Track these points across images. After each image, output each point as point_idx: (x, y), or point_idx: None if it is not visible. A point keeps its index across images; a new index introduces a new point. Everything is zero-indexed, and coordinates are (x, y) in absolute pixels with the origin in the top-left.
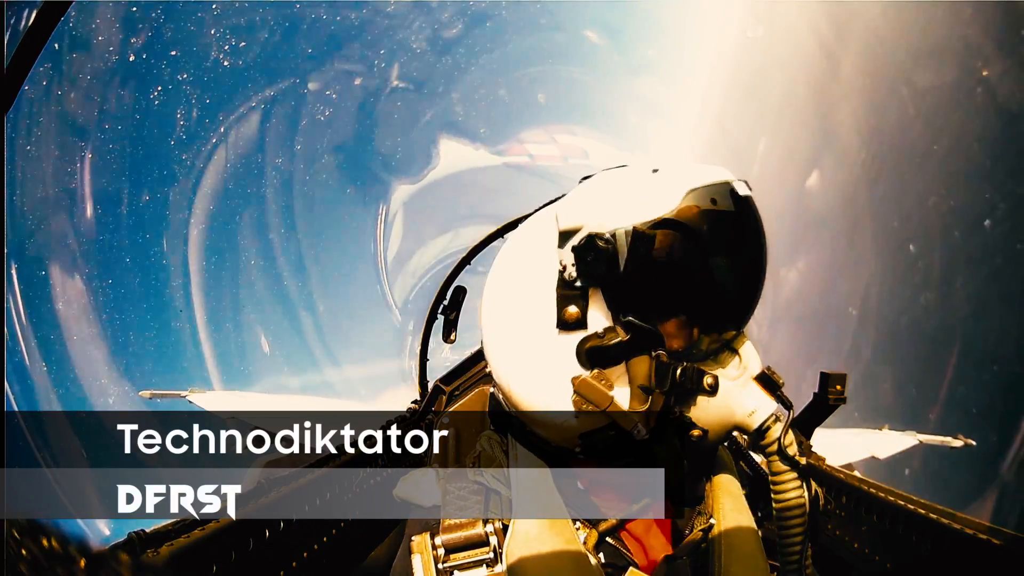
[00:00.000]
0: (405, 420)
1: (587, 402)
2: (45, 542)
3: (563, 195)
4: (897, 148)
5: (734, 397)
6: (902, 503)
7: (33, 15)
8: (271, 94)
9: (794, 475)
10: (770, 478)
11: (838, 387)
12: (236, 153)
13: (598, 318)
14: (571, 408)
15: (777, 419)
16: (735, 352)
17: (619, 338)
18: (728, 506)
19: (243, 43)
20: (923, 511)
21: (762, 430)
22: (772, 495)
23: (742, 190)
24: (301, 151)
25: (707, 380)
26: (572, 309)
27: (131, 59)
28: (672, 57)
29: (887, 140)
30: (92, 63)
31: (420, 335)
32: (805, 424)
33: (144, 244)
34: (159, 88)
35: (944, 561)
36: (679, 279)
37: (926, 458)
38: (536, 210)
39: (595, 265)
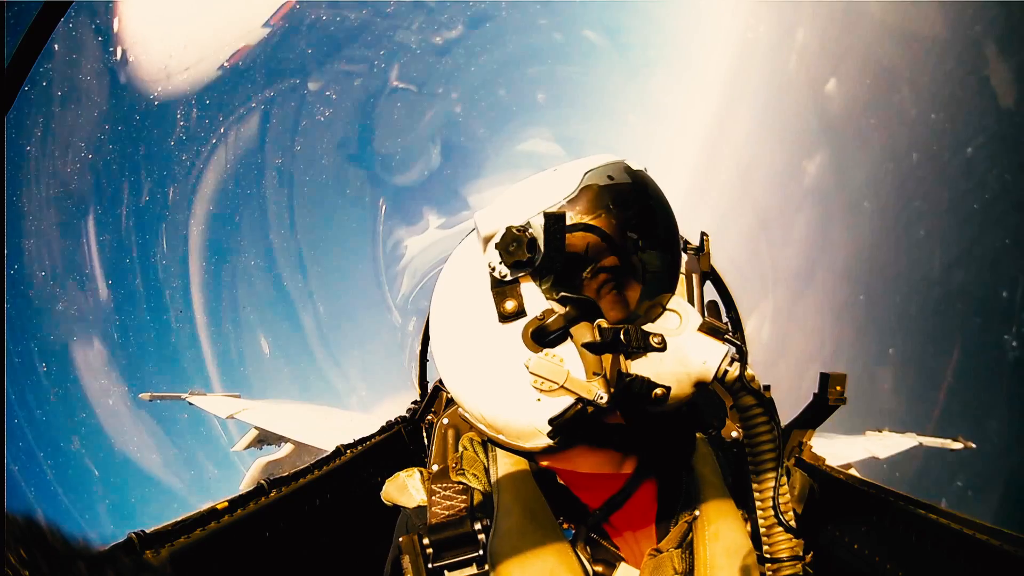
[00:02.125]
0: (405, 421)
1: (545, 380)
2: (44, 542)
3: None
4: (912, 63)
5: (684, 349)
6: (902, 503)
7: (34, 15)
8: (271, 95)
9: (760, 409)
10: (739, 419)
11: (838, 388)
12: (236, 154)
13: (535, 303)
14: (534, 393)
15: (733, 360)
16: (673, 311)
17: (557, 314)
18: (712, 497)
19: (244, 44)
20: (923, 511)
21: (720, 376)
22: (743, 434)
23: (635, 166)
24: (301, 152)
25: (653, 339)
26: (509, 303)
27: (130, 60)
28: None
29: (906, 55)
30: (91, 64)
31: (420, 336)
32: (806, 425)
33: (144, 245)
34: (159, 89)
35: (945, 562)
36: (596, 250)
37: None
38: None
39: (518, 252)
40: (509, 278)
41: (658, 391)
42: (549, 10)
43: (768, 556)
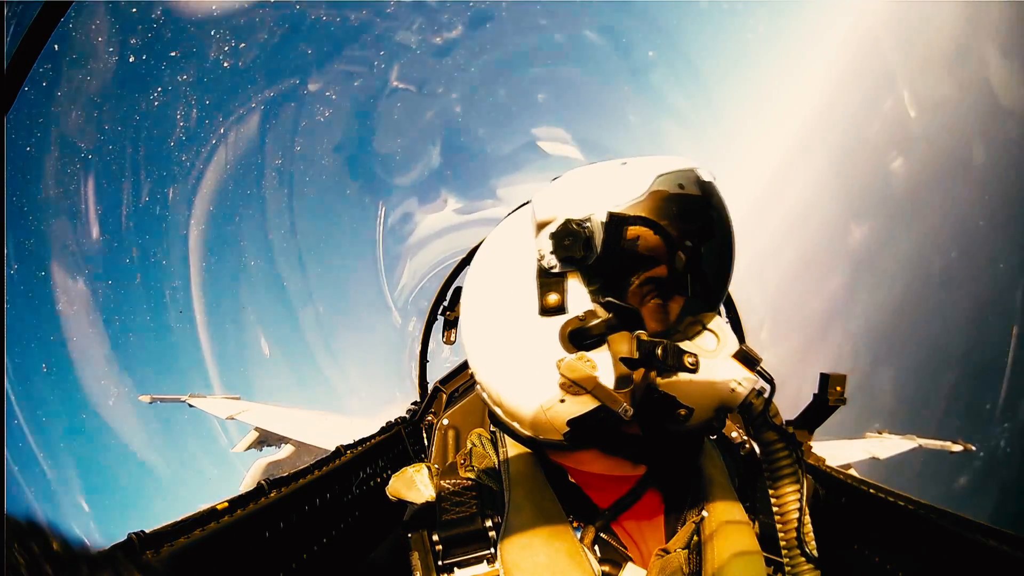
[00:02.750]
0: (405, 421)
1: (573, 384)
2: (45, 543)
3: (524, 204)
4: (977, 170)
5: (715, 374)
6: (902, 503)
7: (34, 15)
8: (271, 95)
9: (783, 444)
10: (760, 452)
11: (838, 388)
12: (235, 155)
13: (578, 302)
14: (559, 392)
15: (760, 393)
16: (712, 332)
17: (599, 319)
18: (719, 498)
19: (243, 44)
20: (923, 512)
21: (746, 405)
22: (764, 469)
23: (706, 176)
24: (301, 152)
25: (688, 359)
26: (552, 296)
27: (131, 60)
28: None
29: (973, 162)
30: (92, 64)
31: (420, 336)
32: (805, 425)
33: (144, 246)
34: (159, 89)
35: (944, 562)
36: (652, 259)
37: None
38: (506, 216)
39: (572, 248)
40: (557, 270)
41: (682, 411)
42: (549, 10)
43: None
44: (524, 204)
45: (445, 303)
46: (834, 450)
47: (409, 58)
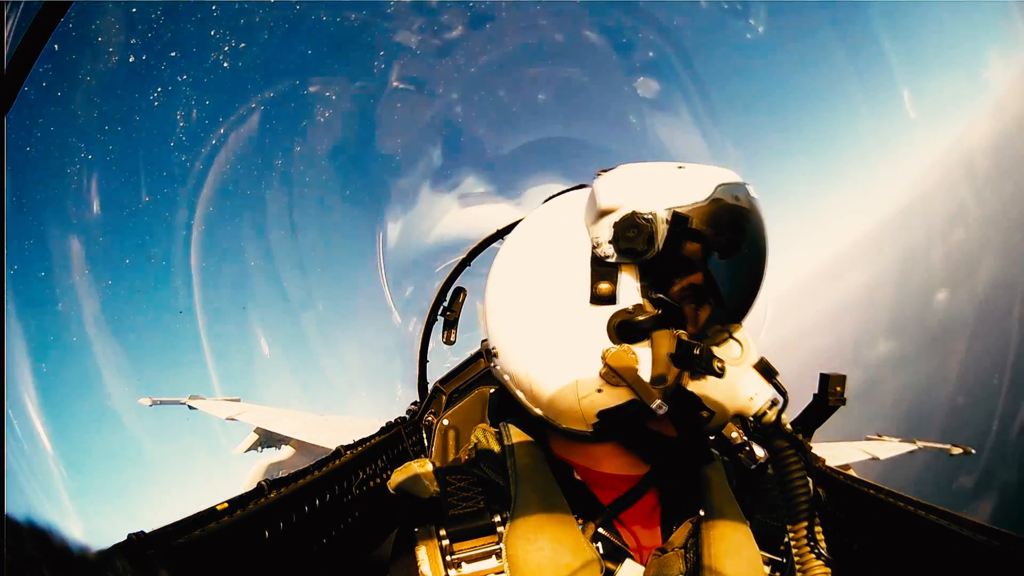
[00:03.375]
0: (405, 422)
1: (615, 375)
2: (45, 544)
3: (570, 188)
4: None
5: (737, 381)
6: (902, 504)
7: (34, 15)
8: (271, 95)
9: (793, 451)
10: (769, 456)
11: (838, 388)
12: (234, 155)
13: (628, 294)
14: (598, 381)
15: (773, 404)
16: (737, 341)
17: (648, 314)
18: (717, 499)
19: (243, 44)
20: (923, 512)
21: (759, 415)
22: (774, 471)
23: (753, 192)
24: (301, 152)
25: (717, 363)
26: (604, 285)
27: (131, 60)
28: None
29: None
30: (92, 64)
31: (420, 336)
32: (805, 425)
33: (144, 246)
34: (159, 89)
35: (944, 563)
36: (699, 263)
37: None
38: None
39: (636, 240)
40: (612, 260)
41: (704, 413)
42: (548, 10)
43: None
44: (567, 190)
45: (445, 303)
46: (833, 451)
47: (409, 58)
